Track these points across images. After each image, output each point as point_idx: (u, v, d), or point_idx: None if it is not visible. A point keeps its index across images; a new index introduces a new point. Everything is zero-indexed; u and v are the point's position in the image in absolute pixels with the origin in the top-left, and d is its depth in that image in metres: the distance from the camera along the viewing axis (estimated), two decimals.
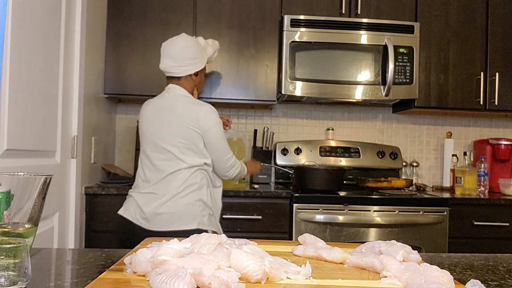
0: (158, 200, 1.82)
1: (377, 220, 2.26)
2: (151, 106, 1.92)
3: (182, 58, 1.86)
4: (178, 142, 1.83)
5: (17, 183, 0.75)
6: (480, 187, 2.64)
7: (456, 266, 0.91)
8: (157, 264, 0.65)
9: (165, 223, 1.80)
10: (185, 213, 1.80)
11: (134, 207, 1.85)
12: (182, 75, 1.89)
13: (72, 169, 2.08)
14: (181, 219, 1.79)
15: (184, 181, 1.82)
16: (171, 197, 1.81)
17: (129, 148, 2.94)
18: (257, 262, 0.67)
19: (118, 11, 2.57)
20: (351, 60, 2.56)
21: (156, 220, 1.80)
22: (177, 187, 1.81)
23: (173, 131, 1.83)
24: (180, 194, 1.81)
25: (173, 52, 1.86)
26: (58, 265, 0.87)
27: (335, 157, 2.87)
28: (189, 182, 1.82)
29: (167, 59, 1.88)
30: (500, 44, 2.73)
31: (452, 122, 3.13)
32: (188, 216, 1.80)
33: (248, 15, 2.63)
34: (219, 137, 1.87)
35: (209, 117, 1.84)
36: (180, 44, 1.87)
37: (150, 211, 1.81)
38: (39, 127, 1.69)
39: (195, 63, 1.89)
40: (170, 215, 1.80)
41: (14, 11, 1.42)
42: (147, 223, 1.82)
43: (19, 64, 1.49)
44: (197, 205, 1.82)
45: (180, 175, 1.82)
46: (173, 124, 1.83)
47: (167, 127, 1.84)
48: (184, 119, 1.82)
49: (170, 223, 1.80)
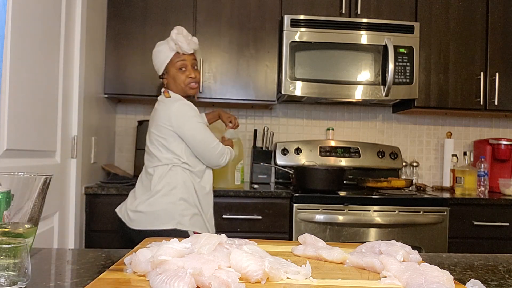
0: (139, 198, 1.85)
1: (377, 220, 2.26)
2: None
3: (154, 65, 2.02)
4: (154, 139, 1.88)
5: (17, 183, 0.75)
6: (480, 187, 2.64)
7: (456, 266, 0.91)
8: (157, 264, 0.65)
9: (144, 222, 1.81)
10: (164, 212, 1.80)
11: (124, 206, 1.90)
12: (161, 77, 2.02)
13: (72, 169, 2.08)
14: (159, 219, 1.79)
15: (161, 178, 1.83)
16: (152, 195, 1.82)
17: (129, 148, 2.94)
18: (257, 262, 0.67)
19: (118, 11, 2.57)
20: (351, 60, 2.56)
21: (136, 218, 1.82)
22: (155, 184, 1.82)
23: (152, 130, 1.90)
24: (161, 192, 1.82)
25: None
26: (58, 265, 0.87)
27: (335, 157, 2.87)
28: (167, 180, 1.83)
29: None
30: (500, 44, 2.73)
31: (452, 122, 3.13)
32: (167, 216, 1.80)
33: (248, 15, 2.63)
34: (195, 129, 1.85)
35: (180, 113, 1.84)
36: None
37: (132, 209, 1.84)
38: (39, 127, 1.69)
39: (157, 69, 2.00)
40: (149, 214, 1.81)
41: (14, 11, 1.42)
42: (130, 222, 1.84)
43: (19, 64, 1.49)
44: (178, 204, 1.81)
45: (156, 171, 1.85)
46: (153, 123, 1.90)
47: (150, 127, 1.93)
48: (159, 118, 1.86)
49: (149, 222, 1.80)
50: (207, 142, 1.87)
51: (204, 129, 1.88)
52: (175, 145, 1.85)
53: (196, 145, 1.86)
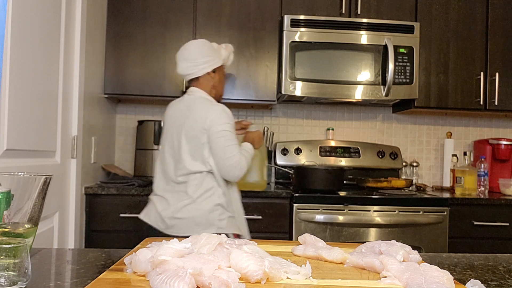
0: (176, 204, 1.82)
1: (377, 220, 2.26)
2: (173, 108, 1.96)
3: (197, 57, 1.89)
4: (190, 145, 1.83)
5: (17, 183, 0.75)
6: (480, 187, 2.64)
7: (456, 266, 0.91)
8: (157, 264, 0.65)
9: (183, 228, 1.80)
10: (203, 218, 1.80)
11: (154, 212, 1.87)
12: (200, 74, 1.91)
13: (72, 169, 2.08)
14: (200, 225, 1.79)
15: (197, 186, 1.82)
16: (189, 202, 1.81)
17: (129, 148, 2.94)
18: (257, 262, 0.67)
19: (118, 11, 2.57)
20: (351, 60, 2.56)
21: (174, 224, 1.81)
22: (193, 192, 1.81)
23: (187, 134, 1.83)
24: (199, 200, 1.81)
25: (187, 54, 1.91)
26: (58, 265, 0.87)
27: (335, 157, 2.87)
28: (205, 187, 1.83)
29: (182, 62, 1.92)
30: (500, 44, 2.73)
31: (452, 122, 3.13)
32: (206, 222, 1.80)
33: (248, 15, 2.63)
34: (221, 134, 1.81)
35: (219, 118, 1.81)
36: (193, 46, 1.92)
37: (168, 216, 1.82)
38: (39, 127, 1.69)
39: (210, 60, 1.91)
40: (189, 220, 1.80)
41: (14, 11, 1.42)
42: (166, 228, 1.82)
43: (19, 64, 1.49)
44: (214, 209, 1.82)
45: (190, 179, 1.83)
46: (187, 127, 1.83)
47: (182, 129, 1.85)
48: (197, 122, 1.82)
49: (189, 228, 1.80)
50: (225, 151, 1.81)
51: (231, 140, 1.83)
52: (207, 153, 1.83)
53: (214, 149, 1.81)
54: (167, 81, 2.59)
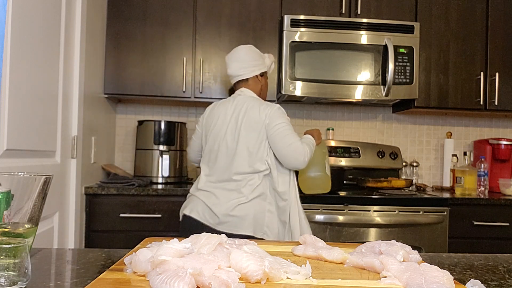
0: (227, 202, 1.83)
1: (377, 220, 2.26)
2: (222, 106, 1.97)
3: (248, 60, 2.00)
4: (249, 143, 1.86)
5: (17, 183, 0.75)
6: (480, 187, 2.64)
7: (456, 266, 0.91)
8: (157, 264, 0.65)
9: (235, 226, 1.81)
10: (255, 220, 1.82)
11: (202, 207, 1.87)
12: (251, 75, 2.00)
13: (72, 169, 2.08)
14: (251, 226, 1.81)
15: (252, 186, 1.84)
16: (244, 201, 1.82)
17: (129, 148, 2.94)
18: (257, 262, 0.67)
19: (118, 11, 2.57)
20: (351, 60, 2.56)
21: (228, 221, 1.81)
22: (249, 192, 1.83)
23: (245, 132, 1.87)
24: (254, 201, 1.83)
25: (239, 57, 2.01)
26: (58, 265, 0.87)
27: (335, 157, 2.87)
28: (259, 190, 1.85)
29: (234, 64, 2.01)
30: (500, 44, 2.73)
31: (452, 122, 3.13)
32: (257, 224, 1.82)
33: (248, 15, 2.63)
34: (280, 126, 1.85)
35: (276, 113, 1.87)
36: (244, 50, 2.02)
37: (222, 212, 1.82)
38: (39, 127, 1.69)
39: (259, 64, 2.02)
40: (242, 218, 1.81)
41: (14, 11, 1.42)
42: (217, 224, 1.83)
43: (19, 64, 1.49)
44: (266, 214, 1.84)
45: (246, 178, 1.85)
46: (245, 124, 1.88)
47: (240, 127, 1.88)
48: (256, 118, 1.87)
49: (241, 226, 1.81)
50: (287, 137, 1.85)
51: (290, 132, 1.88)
52: (266, 150, 1.87)
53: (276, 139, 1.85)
54: (167, 81, 2.59)
